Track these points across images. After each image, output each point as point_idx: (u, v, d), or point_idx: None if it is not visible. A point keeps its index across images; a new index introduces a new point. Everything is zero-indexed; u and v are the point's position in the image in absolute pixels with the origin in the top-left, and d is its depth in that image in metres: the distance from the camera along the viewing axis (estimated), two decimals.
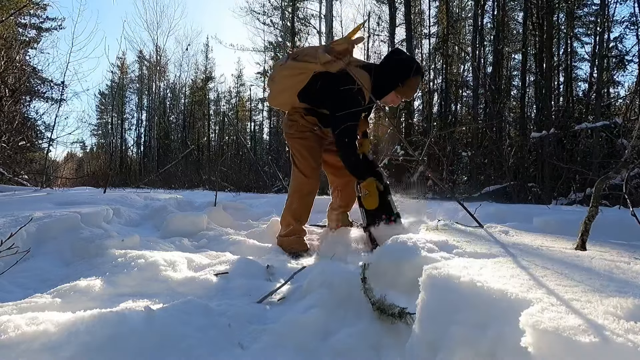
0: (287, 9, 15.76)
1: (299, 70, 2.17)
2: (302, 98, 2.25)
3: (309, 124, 2.28)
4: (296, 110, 2.30)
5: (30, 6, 9.51)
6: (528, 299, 0.71)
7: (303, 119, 2.28)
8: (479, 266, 0.96)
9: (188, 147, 15.66)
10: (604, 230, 1.80)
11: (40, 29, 15.66)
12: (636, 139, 1.98)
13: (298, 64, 2.17)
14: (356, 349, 1.03)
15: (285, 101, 2.33)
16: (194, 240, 2.47)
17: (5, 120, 5.83)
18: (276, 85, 2.29)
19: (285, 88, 2.26)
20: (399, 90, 2.18)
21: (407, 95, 2.23)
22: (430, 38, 13.26)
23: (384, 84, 2.17)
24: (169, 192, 6.93)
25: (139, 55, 22.33)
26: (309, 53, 2.18)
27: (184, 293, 1.45)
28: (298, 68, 2.17)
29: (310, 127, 2.29)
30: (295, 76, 2.19)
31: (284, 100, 2.34)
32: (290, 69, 2.20)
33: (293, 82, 2.21)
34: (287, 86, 2.24)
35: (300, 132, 2.29)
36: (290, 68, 2.20)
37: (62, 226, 2.02)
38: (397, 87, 2.16)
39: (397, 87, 2.16)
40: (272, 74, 2.34)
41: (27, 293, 1.38)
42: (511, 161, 6.80)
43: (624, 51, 9.06)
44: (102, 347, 0.95)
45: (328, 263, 1.67)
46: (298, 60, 2.18)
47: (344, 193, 2.51)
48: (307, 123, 2.28)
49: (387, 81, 2.16)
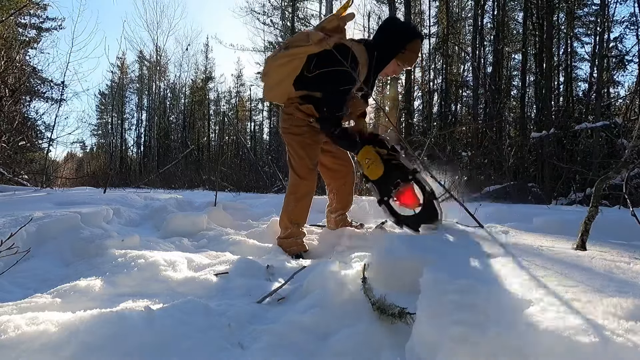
0: (287, 9, 15.76)
1: (293, 56, 2.13)
2: (297, 86, 2.20)
3: (305, 116, 2.23)
4: (292, 102, 2.26)
5: (30, 6, 9.52)
6: (528, 299, 0.71)
7: (299, 110, 2.22)
8: (479, 266, 0.96)
9: (188, 147, 15.67)
10: (604, 230, 1.80)
11: (40, 29, 15.67)
12: (636, 139, 1.98)
13: (291, 51, 2.13)
14: (356, 349, 1.03)
15: (281, 92, 2.29)
16: (194, 240, 2.47)
17: (5, 120, 5.83)
18: (271, 78, 2.26)
19: (282, 79, 2.22)
20: (399, 58, 2.14)
21: (409, 61, 2.19)
22: (430, 38, 13.26)
23: (382, 55, 2.12)
24: (169, 192, 6.93)
25: (139, 55, 22.35)
26: (299, 38, 2.15)
27: (184, 293, 1.45)
28: (291, 55, 2.13)
29: (307, 120, 2.23)
30: (290, 63, 2.15)
31: (280, 92, 2.29)
32: (283, 57, 2.15)
33: (288, 70, 2.17)
34: (283, 76, 2.20)
35: (297, 126, 2.24)
36: (283, 57, 2.15)
37: (62, 226, 2.02)
38: (398, 55, 2.12)
39: (398, 54, 2.12)
40: (265, 69, 2.30)
41: (27, 293, 1.38)
42: (511, 161, 6.81)
43: (624, 51, 9.07)
44: (102, 347, 0.95)
45: (328, 263, 1.66)
46: (290, 48, 2.15)
47: (340, 195, 2.48)
48: (303, 115, 2.22)
49: (386, 51, 2.12)
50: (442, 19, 11.60)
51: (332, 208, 2.54)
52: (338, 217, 2.50)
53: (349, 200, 2.50)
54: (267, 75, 2.28)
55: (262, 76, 2.37)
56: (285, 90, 2.25)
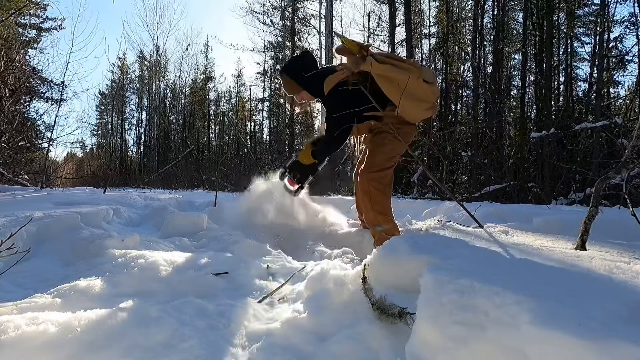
0: (287, 9, 15.75)
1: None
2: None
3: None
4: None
5: (30, 6, 9.51)
6: (528, 299, 0.71)
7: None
8: (479, 266, 0.96)
9: (188, 147, 15.64)
10: (604, 230, 1.80)
11: (40, 29, 15.67)
12: (636, 139, 1.98)
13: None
14: (356, 349, 1.03)
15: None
16: (194, 240, 2.46)
17: (5, 120, 5.82)
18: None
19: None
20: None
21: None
22: (430, 38, 13.26)
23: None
24: (169, 192, 6.92)
25: (139, 55, 22.34)
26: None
27: (184, 293, 1.45)
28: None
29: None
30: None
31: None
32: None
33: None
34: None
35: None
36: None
37: (62, 226, 2.02)
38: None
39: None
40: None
41: (27, 293, 1.38)
42: (511, 161, 6.81)
43: (624, 51, 9.06)
44: (101, 347, 0.95)
45: (328, 263, 1.66)
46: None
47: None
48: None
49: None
50: (442, 19, 11.59)
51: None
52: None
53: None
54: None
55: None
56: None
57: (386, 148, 2.23)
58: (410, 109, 2.18)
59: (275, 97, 19.79)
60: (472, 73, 10.10)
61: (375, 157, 2.24)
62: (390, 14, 11.32)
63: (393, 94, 2.12)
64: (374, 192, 2.19)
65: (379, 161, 2.23)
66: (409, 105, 2.15)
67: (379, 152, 2.24)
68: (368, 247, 2.23)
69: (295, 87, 2.36)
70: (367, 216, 2.27)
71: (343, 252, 2.18)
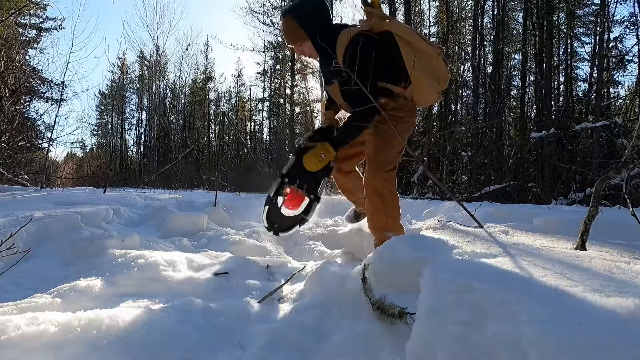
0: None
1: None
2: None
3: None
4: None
5: (30, 6, 9.51)
6: (528, 298, 0.70)
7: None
8: (478, 266, 0.96)
9: (188, 147, 15.65)
10: (604, 230, 1.79)
11: (40, 29, 15.64)
12: (636, 139, 1.98)
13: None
14: (356, 349, 1.03)
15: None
16: (194, 240, 2.47)
17: (5, 120, 5.83)
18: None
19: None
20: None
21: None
22: (430, 38, 13.27)
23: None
24: (169, 192, 6.91)
25: (139, 55, 22.34)
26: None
27: (184, 293, 1.45)
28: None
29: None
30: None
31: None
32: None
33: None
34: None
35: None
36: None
37: (62, 226, 2.02)
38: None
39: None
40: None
41: (27, 293, 1.39)
42: (511, 161, 6.81)
43: (624, 51, 9.05)
44: (101, 347, 0.95)
45: (328, 263, 1.66)
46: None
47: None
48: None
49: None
50: (442, 19, 11.59)
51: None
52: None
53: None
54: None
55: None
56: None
57: (396, 141, 1.95)
58: (425, 88, 1.93)
59: (275, 97, 19.78)
60: (472, 73, 10.09)
61: (388, 152, 1.96)
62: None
63: (411, 63, 1.84)
64: (388, 194, 1.94)
65: (392, 156, 1.97)
66: (426, 83, 1.91)
67: (390, 146, 1.95)
68: (368, 247, 2.23)
69: (299, 34, 1.92)
70: (377, 219, 1.99)
71: (343, 252, 2.18)
